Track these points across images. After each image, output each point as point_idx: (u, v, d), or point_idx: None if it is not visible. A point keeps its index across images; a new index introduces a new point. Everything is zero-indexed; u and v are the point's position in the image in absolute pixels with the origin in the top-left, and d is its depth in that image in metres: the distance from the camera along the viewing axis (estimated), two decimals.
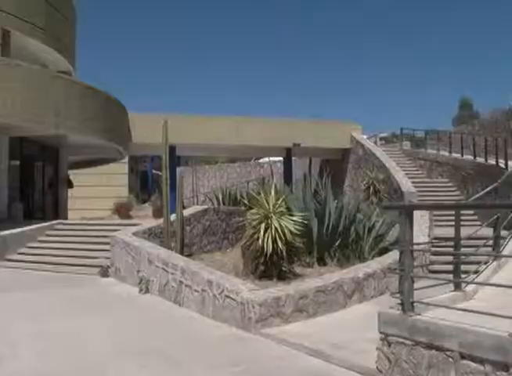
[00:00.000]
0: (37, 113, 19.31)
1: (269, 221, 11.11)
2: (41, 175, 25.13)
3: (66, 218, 23.53)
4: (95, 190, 40.84)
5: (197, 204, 29.27)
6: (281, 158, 36.05)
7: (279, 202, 11.58)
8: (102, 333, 8.57)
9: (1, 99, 18.29)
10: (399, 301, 5.91)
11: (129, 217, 25.56)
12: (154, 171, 59.31)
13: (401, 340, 5.75)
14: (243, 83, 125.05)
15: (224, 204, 21.85)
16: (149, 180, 58.20)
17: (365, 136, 33.23)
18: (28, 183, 24.14)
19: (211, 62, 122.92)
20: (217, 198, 23.01)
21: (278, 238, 10.90)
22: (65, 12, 26.04)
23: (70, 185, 26.66)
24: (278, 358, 7.17)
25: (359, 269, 10.94)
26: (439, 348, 5.38)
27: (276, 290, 9.11)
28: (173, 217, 14.89)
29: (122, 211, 26.30)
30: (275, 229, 10.96)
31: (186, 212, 16.30)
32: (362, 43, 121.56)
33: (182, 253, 13.71)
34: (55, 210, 25.37)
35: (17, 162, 22.77)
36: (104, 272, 14.40)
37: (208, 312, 9.54)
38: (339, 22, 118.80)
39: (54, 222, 20.15)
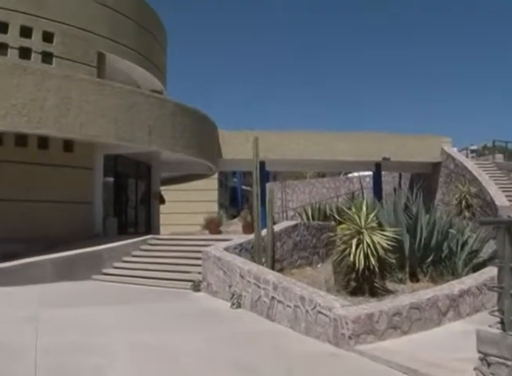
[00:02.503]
0: (130, 132, 19.89)
1: (361, 236, 11.01)
2: (134, 191, 25.83)
3: (158, 233, 24.04)
4: (186, 206, 41.55)
5: (286, 220, 29.37)
6: (370, 173, 35.70)
7: (371, 217, 11.47)
8: (195, 347, 8.67)
9: (96, 119, 18.97)
10: (499, 320, 5.75)
11: (219, 232, 25.89)
12: (243, 187, 59.87)
13: (501, 360, 5.58)
14: (331, 97, 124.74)
15: (313, 219, 21.77)
16: (239, 196, 58.73)
17: (455, 149, 32.54)
18: (122, 199, 24.87)
19: (300, 76, 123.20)
20: (306, 213, 22.94)
21: (370, 254, 10.79)
22: (155, 32, 26.80)
23: (162, 201, 27.21)
24: (373, 375, 7.09)
25: (454, 286, 10.67)
26: None
27: (369, 306, 9.01)
28: (263, 232, 14.95)
29: (212, 226, 26.66)
30: (368, 244, 10.86)
31: (277, 227, 16.33)
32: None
33: (272, 268, 13.73)
34: (148, 225, 25.98)
35: (112, 179, 23.49)
36: (196, 287, 14.59)
37: (300, 328, 9.52)
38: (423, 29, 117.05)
39: (147, 236, 20.58)
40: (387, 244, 11.18)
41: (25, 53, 20.65)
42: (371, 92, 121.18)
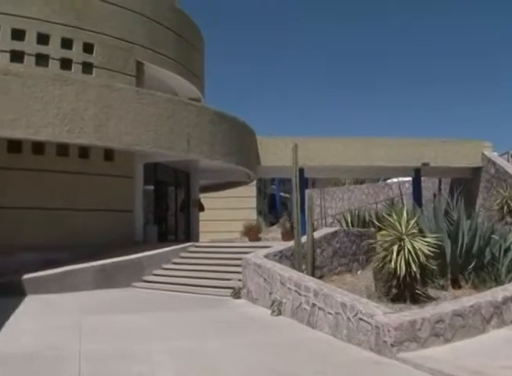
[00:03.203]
0: (169, 140, 20.05)
1: (402, 243, 10.93)
2: (173, 198, 26.02)
3: (197, 241, 24.15)
4: (225, 213, 41.67)
5: (325, 226, 29.27)
6: (409, 178, 35.37)
7: (412, 223, 11.38)
8: (235, 354, 8.68)
9: (135, 128, 19.17)
10: None
11: (258, 239, 25.89)
12: (282, 194, 59.81)
13: None
14: (368, 102, 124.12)
15: (352, 225, 21.68)
16: (277, 202, 58.67)
17: (496, 154, 32.05)
18: (162, 207, 25.07)
19: (337, 81, 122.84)
20: (345, 220, 22.85)
21: (411, 260, 10.70)
22: (193, 40, 26.99)
23: (201, 208, 27.33)
24: None
25: (497, 293, 10.53)
26: None
27: (411, 313, 8.94)
28: (303, 239, 14.93)
29: (251, 233, 26.66)
30: (409, 251, 10.77)
31: (316, 234, 16.29)
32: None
33: (313, 275, 13.68)
34: (187, 232, 26.11)
35: (151, 187, 23.70)
36: (236, 294, 14.63)
37: (342, 335, 9.48)
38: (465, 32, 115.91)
39: (187, 244, 20.70)
40: (429, 251, 11.08)
41: (66, 64, 20.97)
42: (407, 95, 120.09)
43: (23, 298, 15.38)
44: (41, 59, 20.61)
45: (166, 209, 25.69)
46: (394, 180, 43.13)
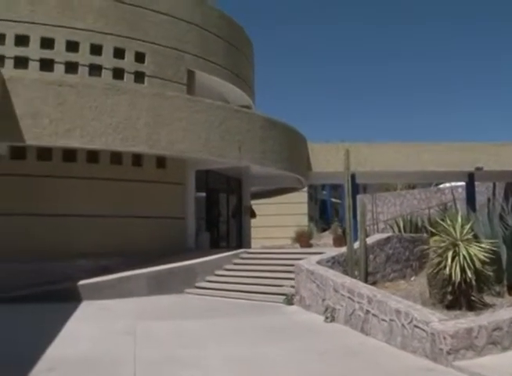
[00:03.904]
0: (220, 147, 20.17)
1: (457, 248, 10.78)
2: (225, 205, 26.15)
3: (249, 247, 24.20)
4: (276, 219, 41.66)
5: (377, 232, 29.04)
6: (463, 183, 34.84)
7: (467, 229, 11.21)
8: (289, 360, 8.66)
9: (187, 135, 19.35)
10: None
11: (310, 245, 25.85)
12: (333, 200, 59.59)
13: None
14: (419, 108, 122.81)
15: (405, 231, 21.46)
16: (328, 208, 58.48)
17: None
18: (213, 214, 25.21)
19: (387, 87, 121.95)
20: (397, 225, 22.63)
21: (466, 266, 10.54)
22: (243, 48, 27.12)
23: (253, 215, 27.40)
24: None
25: None
26: None
27: (467, 320, 8.78)
28: (356, 245, 14.85)
29: (303, 239, 26.64)
30: (464, 257, 10.61)
31: (369, 240, 16.17)
32: None
33: (366, 281, 13.60)
34: (239, 239, 26.21)
35: (203, 194, 23.87)
36: (289, 301, 14.61)
37: (396, 343, 9.38)
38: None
39: (239, 250, 20.78)
40: (484, 256, 10.90)
41: (118, 74, 21.31)
42: (457, 100, 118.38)
43: (79, 304, 15.66)
44: (95, 70, 20.99)
45: (218, 216, 25.85)
46: (447, 185, 42.53)
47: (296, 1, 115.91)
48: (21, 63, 20.01)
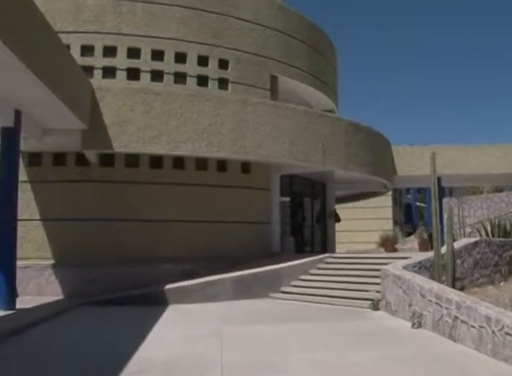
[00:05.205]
0: (305, 152, 20.20)
1: None
2: (309, 210, 26.13)
3: (334, 252, 24.11)
4: (360, 224, 41.35)
5: (464, 236, 28.35)
6: None
7: None
8: (377, 367, 8.54)
9: (271, 141, 19.45)
10: None
11: (395, 250, 25.52)
12: (417, 203, 58.61)
13: None
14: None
15: (493, 235, 20.87)
16: (413, 212, 57.60)
17: None
18: (298, 218, 25.22)
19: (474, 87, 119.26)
20: (485, 229, 22.03)
21: None
22: (325, 52, 27.07)
23: (337, 219, 27.28)
24: None
25: None
26: None
27: None
28: (443, 250, 14.55)
29: (388, 244, 26.34)
30: None
31: (456, 245, 15.82)
32: None
33: (453, 287, 13.30)
34: (324, 243, 26.13)
35: (287, 198, 23.92)
36: (375, 306, 14.46)
37: (486, 350, 9.13)
38: None
39: (324, 255, 20.70)
40: None
41: (202, 81, 21.64)
42: None
43: (166, 308, 15.94)
44: (179, 77, 21.38)
45: (302, 220, 25.84)
46: None
47: (376, 3, 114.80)
48: (109, 72, 20.62)
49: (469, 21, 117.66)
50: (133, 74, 20.84)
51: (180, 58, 21.45)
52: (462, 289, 13.97)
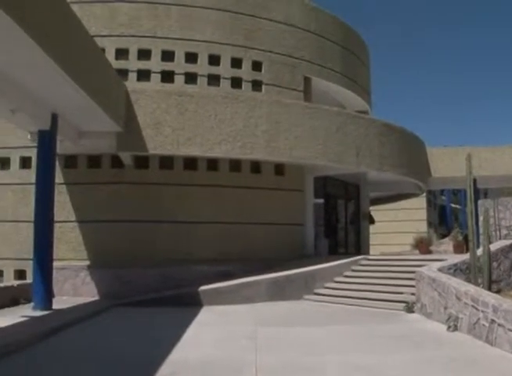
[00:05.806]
0: (338, 153, 20.14)
1: None
2: (343, 211, 26.04)
3: (368, 254, 23.97)
4: (394, 225, 41.11)
5: (499, 239, 28.03)
6: None
7: None
8: (414, 371, 8.47)
9: (305, 142, 19.44)
10: None
11: (429, 252, 25.26)
12: (452, 205, 58.06)
13: None
14: None
15: None
16: (448, 214, 57.07)
17: None
18: (332, 220, 25.14)
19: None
20: None
21: None
22: (359, 53, 26.97)
23: (371, 221, 27.15)
24: None
25: None
26: None
27: None
28: (478, 252, 14.39)
29: (422, 246, 26.07)
30: None
31: (492, 247, 15.65)
32: None
33: (489, 289, 13.15)
34: (358, 245, 26.02)
35: (321, 200, 23.87)
36: (410, 308, 14.35)
37: None
38: None
39: (358, 257, 20.61)
40: None
41: (236, 83, 21.71)
42: None
43: (200, 308, 16.04)
44: (213, 79, 21.47)
45: (336, 222, 25.75)
46: None
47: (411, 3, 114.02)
48: (143, 75, 20.80)
49: None
50: (167, 76, 20.98)
51: (214, 60, 21.55)
52: (498, 292, 13.79)
